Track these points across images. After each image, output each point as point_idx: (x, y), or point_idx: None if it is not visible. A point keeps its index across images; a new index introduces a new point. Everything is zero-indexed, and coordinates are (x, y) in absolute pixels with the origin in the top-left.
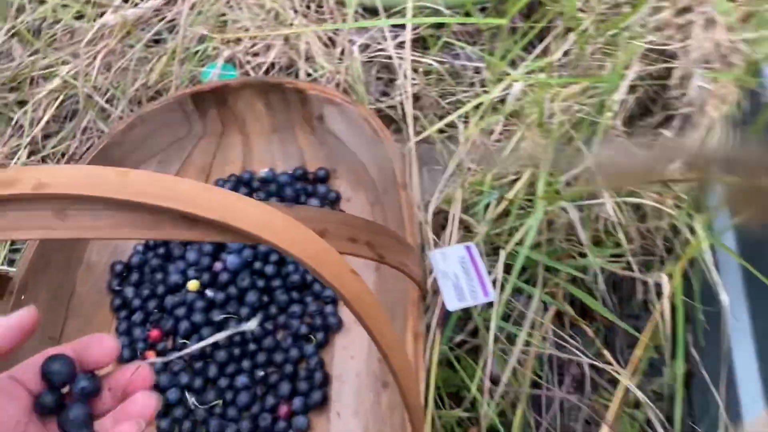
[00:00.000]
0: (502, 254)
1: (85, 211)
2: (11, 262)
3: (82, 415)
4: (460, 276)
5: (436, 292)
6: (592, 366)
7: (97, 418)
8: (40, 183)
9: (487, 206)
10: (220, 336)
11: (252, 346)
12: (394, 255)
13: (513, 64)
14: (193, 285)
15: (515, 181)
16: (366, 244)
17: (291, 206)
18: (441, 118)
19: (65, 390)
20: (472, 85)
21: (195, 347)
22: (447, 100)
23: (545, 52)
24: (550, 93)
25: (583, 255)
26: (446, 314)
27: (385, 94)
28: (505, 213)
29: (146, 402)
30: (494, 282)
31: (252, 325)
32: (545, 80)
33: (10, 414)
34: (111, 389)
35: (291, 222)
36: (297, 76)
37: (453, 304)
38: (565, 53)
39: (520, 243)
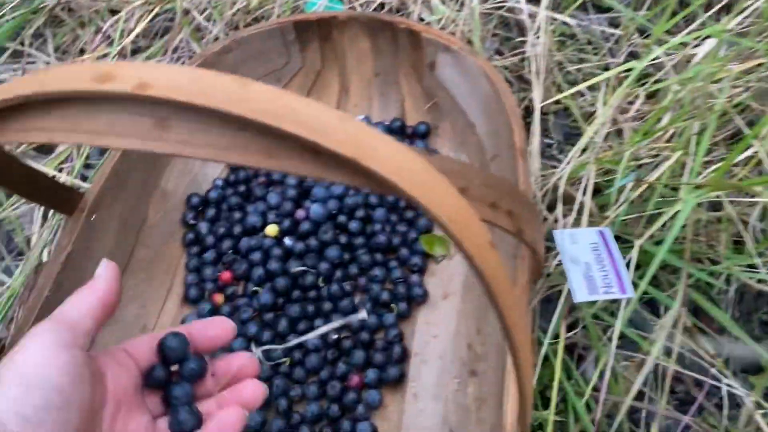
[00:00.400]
0: (636, 246)
1: (191, 123)
2: (83, 179)
3: (187, 394)
4: (592, 265)
5: (547, 276)
6: (696, 382)
7: (196, 401)
8: (143, 83)
9: (620, 190)
10: (330, 327)
11: (327, 306)
12: (532, 231)
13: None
14: (271, 230)
15: (653, 164)
16: (507, 214)
17: (432, 154)
18: (558, 86)
19: (173, 368)
20: (603, 54)
21: (302, 339)
22: (574, 67)
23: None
24: (713, 67)
25: (712, 261)
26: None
27: (498, 53)
28: (632, 201)
29: (255, 391)
30: None
31: (363, 315)
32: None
33: (121, 383)
34: (214, 375)
35: (434, 175)
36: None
37: (582, 296)
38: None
39: (651, 236)
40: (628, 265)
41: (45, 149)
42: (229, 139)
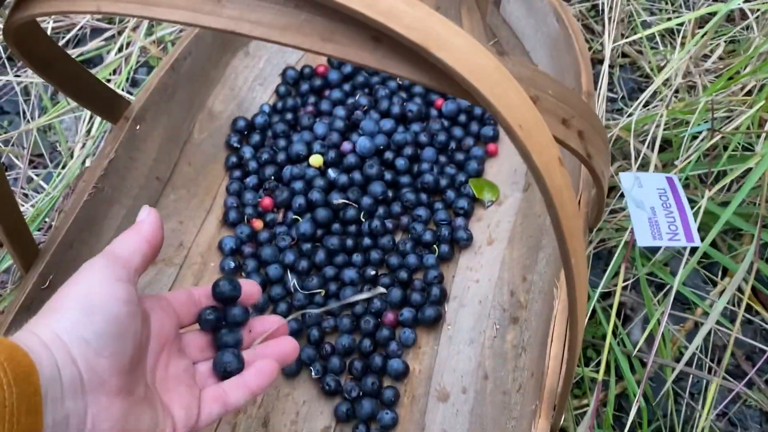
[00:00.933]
0: (706, 197)
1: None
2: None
3: (236, 339)
4: (658, 210)
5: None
6: (746, 355)
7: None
8: None
9: (687, 146)
10: (356, 298)
11: (367, 241)
12: (601, 160)
13: None
14: (315, 160)
15: (729, 118)
16: (578, 134)
17: (503, 54)
18: (623, 36)
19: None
20: (678, 5)
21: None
22: (646, 18)
23: None
24: None
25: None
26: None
27: None
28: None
29: (290, 346)
30: None
31: (381, 290)
32: None
33: (164, 326)
34: (250, 331)
35: (508, 77)
36: None
37: (646, 240)
38: None
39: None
40: (695, 215)
41: (92, 62)
42: (286, 18)
